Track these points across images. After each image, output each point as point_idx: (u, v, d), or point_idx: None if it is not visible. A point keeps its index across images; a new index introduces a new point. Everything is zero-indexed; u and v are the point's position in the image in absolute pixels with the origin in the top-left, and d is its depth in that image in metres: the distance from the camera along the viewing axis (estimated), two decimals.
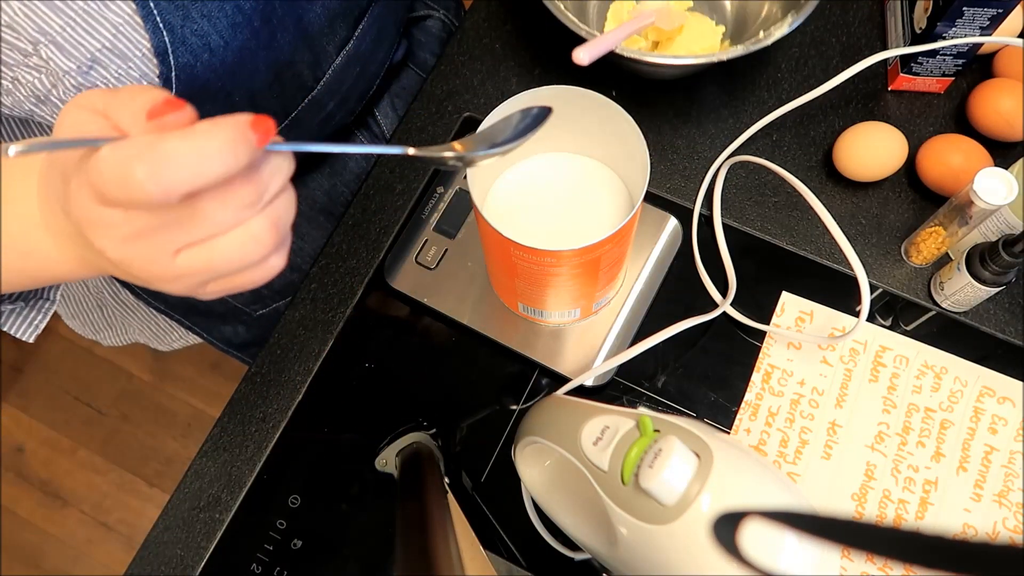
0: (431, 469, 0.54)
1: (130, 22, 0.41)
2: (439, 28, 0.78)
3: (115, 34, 0.41)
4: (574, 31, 0.55)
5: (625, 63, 0.56)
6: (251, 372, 0.61)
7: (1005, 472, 0.54)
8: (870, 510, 0.54)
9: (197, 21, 0.43)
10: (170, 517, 0.58)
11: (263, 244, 0.28)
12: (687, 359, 0.59)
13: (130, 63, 0.42)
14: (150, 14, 0.41)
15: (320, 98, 0.59)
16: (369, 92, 0.67)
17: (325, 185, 0.72)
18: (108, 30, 0.40)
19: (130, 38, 0.41)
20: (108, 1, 0.40)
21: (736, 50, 0.54)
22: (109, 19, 0.40)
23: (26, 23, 0.38)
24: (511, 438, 0.57)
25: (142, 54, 0.42)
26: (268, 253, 0.29)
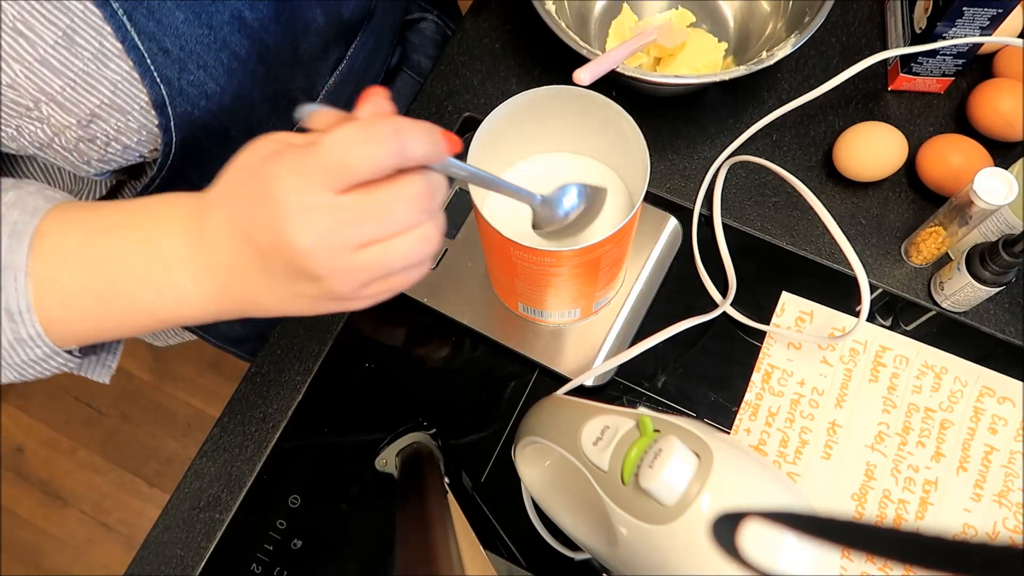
0: (431, 469, 0.54)
1: (128, 78, 0.42)
2: (433, 30, 0.78)
3: (113, 91, 0.42)
4: (575, 50, 0.55)
5: (626, 80, 0.56)
6: (251, 372, 0.61)
7: (1005, 472, 0.54)
8: (870, 510, 0.54)
9: (194, 72, 0.44)
10: (170, 517, 0.58)
11: (431, 245, 0.33)
12: (687, 359, 0.59)
13: (128, 116, 0.43)
14: (147, 71, 0.42)
15: None
16: None
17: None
18: (107, 87, 0.41)
19: (128, 93, 0.42)
20: (106, 60, 0.41)
21: (738, 70, 0.55)
22: (108, 77, 0.41)
23: (27, 84, 0.39)
24: (511, 438, 0.57)
25: (140, 107, 0.43)
26: (430, 255, 0.34)
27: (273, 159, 0.31)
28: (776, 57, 0.55)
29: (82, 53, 0.40)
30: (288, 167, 0.31)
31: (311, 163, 0.30)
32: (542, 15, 0.57)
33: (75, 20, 0.39)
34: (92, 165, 0.46)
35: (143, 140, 0.45)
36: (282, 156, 0.31)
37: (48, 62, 0.39)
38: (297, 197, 0.30)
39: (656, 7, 0.68)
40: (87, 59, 0.40)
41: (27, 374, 0.40)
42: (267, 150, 0.32)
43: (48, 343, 0.38)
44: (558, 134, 0.50)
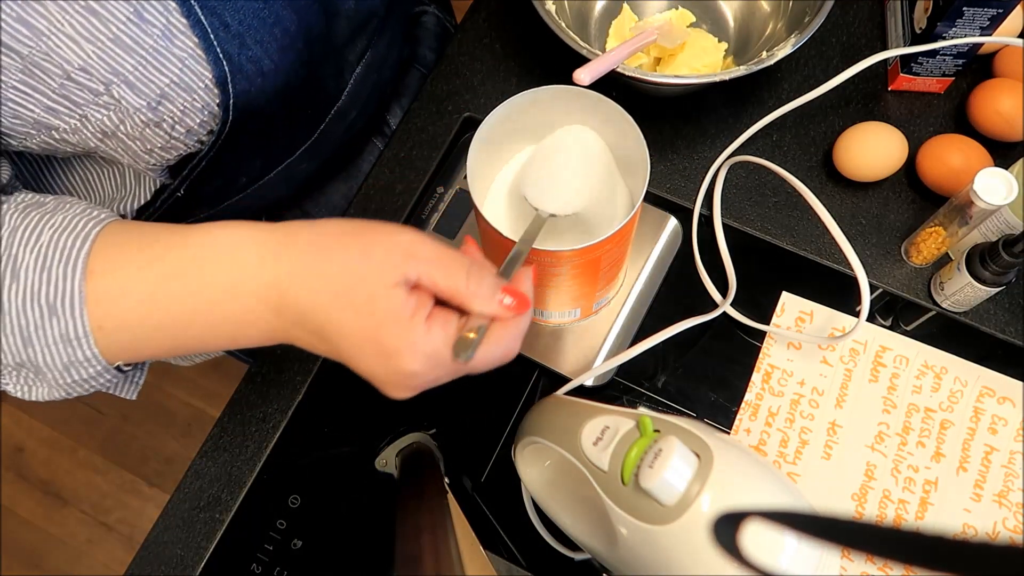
0: (431, 469, 0.54)
1: (194, 55, 0.42)
2: (434, 23, 0.79)
3: (181, 68, 0.42)
4: (575, 50, 0.55)
5: (627, 80, 0.56)
6: (251, 372, 0.61)
7: (1005, 472, 0.54)
8: (870, 510, 0.54)
9: (252, 48, 0.44)
10: (170, 517, 0.58)
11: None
12: (687, 359, 0.59)
13: (195, 95, 0.43)
14: (211, 46, 0.42)
15: (344, 108, 0.60)
16: (385, 94, 0.67)
17: (343, 190, 0.72)
18: (175, 65, 0.41)
19: (194, 71, 0.42)
20: (173, 36, 0.41)
21: (738, 70, 0.54)
22: (176, 54, 0.41)
23: (100, 65, 0.39)
24: (511, 438, 0.57)
25: (205, 86, 0.43)
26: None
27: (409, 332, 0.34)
28: (776, 57, 0.55)
29: (151, 30, 0.39)
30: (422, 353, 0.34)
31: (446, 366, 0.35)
32: (542, 15, 0.57)
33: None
34: (154, 155, 0.46)
35: (204, 121, 0.45)
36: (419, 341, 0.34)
37: (121, 40, 0.39)
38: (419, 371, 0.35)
39: (656, 7, 0.68)
40: (156, 36, 0.40)
41: (72, 392, 0.41)
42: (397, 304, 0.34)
43: (102, 362, 0.38)
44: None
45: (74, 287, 0.36)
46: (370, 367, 0.36)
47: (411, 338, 0.34)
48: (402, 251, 0.35)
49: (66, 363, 0.38)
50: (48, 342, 0.37)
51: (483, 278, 0.36)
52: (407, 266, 0.34)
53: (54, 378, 0.39)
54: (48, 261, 0.36)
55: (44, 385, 0.40)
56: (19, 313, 0.36)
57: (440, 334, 0.35)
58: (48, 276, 0.36)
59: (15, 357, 0.38)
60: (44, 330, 0.37)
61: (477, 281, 0.35)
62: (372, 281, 0.34)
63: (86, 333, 0.37)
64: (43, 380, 0.40)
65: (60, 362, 0.38)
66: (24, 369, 0.39)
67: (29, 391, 0.41)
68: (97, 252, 0.37)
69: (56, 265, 0.36)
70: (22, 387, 0.40)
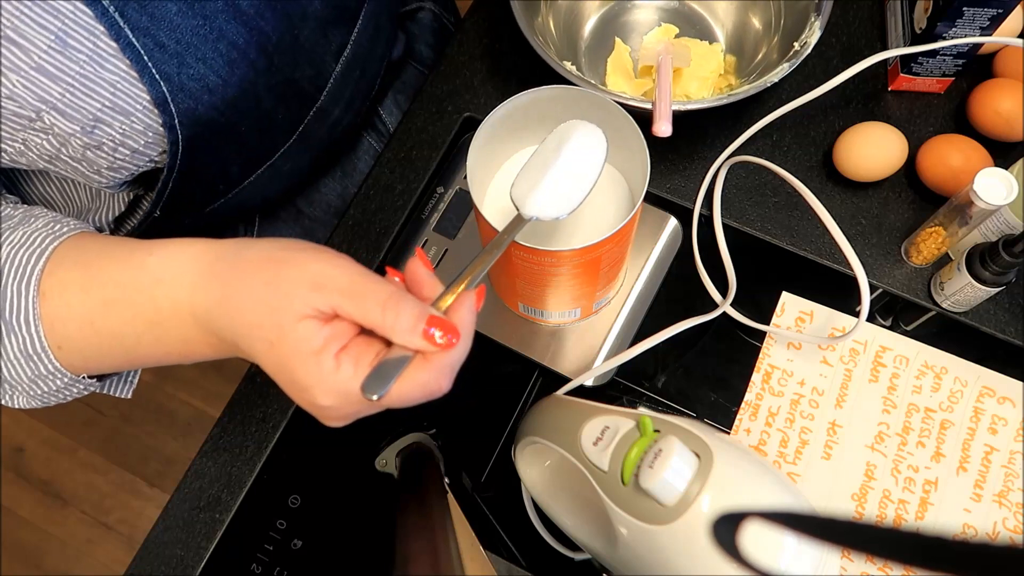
0: (431, 469, 0.54)
1: (127, 78, 0.41)
2: (431, 19, 0.79)
3: (113, 92, 0.41)
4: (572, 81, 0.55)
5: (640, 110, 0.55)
6: (251, 372, 0.61)
7: (1005, 472, 0.54)
8: (870, 510, 0.54)
9: (193, 66, 0.43)
10: (170, 517, 0.58)
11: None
12: (687, 359, 0.59)
13: (132, 118, 0.43)
14: (145, 68, 0.41)
15: (325, 107, 0.59)
16: (372, 91, 0.67)
17: (338, 188, 0.72)
18: (106, 89, 0.41)
19: (129, 93, 0.42)
20: (103, 61, 0.40)
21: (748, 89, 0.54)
22: (105, 79, 0.40)
23: (26, 93, 0.39)
24: (511, 438, 0.57)
25: (143, 107, 0.43)
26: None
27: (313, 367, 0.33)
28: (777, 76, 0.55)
29: (77, 56, 0.39)
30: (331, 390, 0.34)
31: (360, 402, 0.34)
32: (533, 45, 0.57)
33: (66, 22, 0.38)
34: (103, 175, 0.45)
35: (150, 142, 0.45)
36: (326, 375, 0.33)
37: (44, 68, 0.38)
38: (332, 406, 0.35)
39: (642, 28, 0.68)
40: (83, 62, 0.39)
41: (50, 401, 0.41)
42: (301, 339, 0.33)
43: (68, 375, 0.39)
44: None
45: (28, 305, 0.37)
46: (293, 396, 0.36)
47: (319, 374, 0.33)
48: (310, 282, 0.33)
49: (32, 376, 0.38)
50: (10, 357, 0.38)
51: (402, 310, 0.33)
52: (316, 298, 0.33)
53: (24, 390, 0.39)
54: (4, 278, 0.37)
55: (21, 395, 0.40)
56: None
57: (349, 371, 0.33)
58: (4, 293, 0.37)
59: None
60: (5, 345, 0.37)
61: (394, 314, 0.33)
62: (281, 313, 0.33)
63: (44, 349, 0.37)
64: (18, 391, 0.40)
65: (26, 376, 0.38)
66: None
67: (11, 400, 0.41)
68: (49, 272, 0.38)
69: (12, 282, 0.37)
70: (2, 396, 0.41)
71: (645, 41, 0.65)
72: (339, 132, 0.65)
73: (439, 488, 0.53)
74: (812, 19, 0.57)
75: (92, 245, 0.39)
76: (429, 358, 0.34)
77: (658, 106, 0.52)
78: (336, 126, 0.63)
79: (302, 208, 0.71)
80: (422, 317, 0.33)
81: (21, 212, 0.41)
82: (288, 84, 0.52)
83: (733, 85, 0.64)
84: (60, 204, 0.56)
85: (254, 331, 0.34)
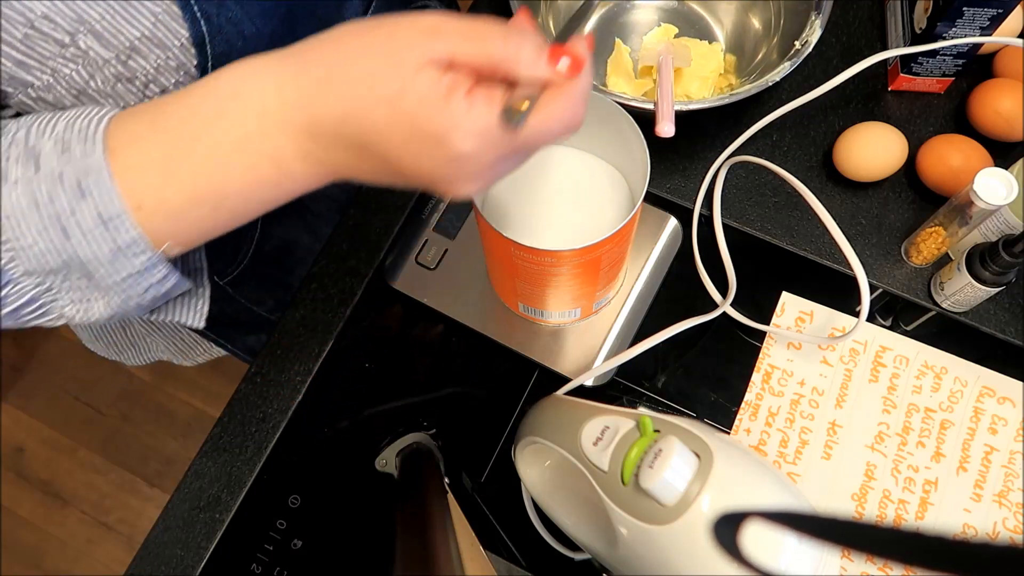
0: (431, 469, 0.54)
1: (168, 11, 0.41)
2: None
3: (154, 23, 0.40)
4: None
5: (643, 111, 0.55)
6: (251, 372, 0.61)
7: (1005, 472, 0.54)
8: (870, 510, 0.54)
9: (231, 9, 0.43)
10: (170, 517, 0.58)
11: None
12: (687, 359, 0.59)
13: (168, 52, 0.42)
14: (187, 5, 0.41)
15: None
16: None
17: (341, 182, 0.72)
18: (148, 19, 0.40)
19: (169, 28, 0.41)
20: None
21: (749, 88, 0.54)
22: (149, 8, 0.40)
23: (64, 11, 0.38)
24: (511, 438, 0.57)
25: (180, 44, 0.42)
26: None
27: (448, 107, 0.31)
28: (778, 76, 0.55)
29: None
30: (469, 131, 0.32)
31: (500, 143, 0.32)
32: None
33: None
34: None
35: (180, 82, 0.44)
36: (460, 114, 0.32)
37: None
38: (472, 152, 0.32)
39: (641, 28, 0.68)
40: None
41: (129, 303, 0.39)
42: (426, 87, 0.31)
43: (150, 246, 0.36)
44: None
45: (99, 162, 0.34)
46: (422, 164, 0.33)
47: (453, 118, 0.31)
48: (425, 31, 0.32)
49: (112, 252, 0.36)
50: (86, 229, 0.35)
51: (523, 40, 0.32)
52: (433, 45, 0.31)
53: (104, 277, 0.37)
54: (67, 143, 0.35)
55: (99, 294, 0.38)
56: (48, 202, 0.35)
57: (484, 108, 0.32)
58: (70, 157, 0.35)
59: (59, 255, 0.36)
60: (78, 215, 0.35)
61: (517, 44, 0.32)
62: (398, 69, 0.31)
63: (122, 210, 0.35)
64: (97, 287, 0.38)
65: (106, 252, 0.36)
66: (73, 275, 0.37)
67: (87, 308, 0.39)
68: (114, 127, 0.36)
69: (76, 145, 0.35)
70: (78, 303, 0.38)
71: (645, 41, 0.65)
72: None
73: (439, 488, 0.53)
74: (812, 18, 0.57)
75: (148, 104, 0.37)
76: (559, 89, 0.33)
77: (660, 106, 0.52)
78: None
79: (306, 203, 0.71)
80: (544, 48, 0.33)
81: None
82: None
83: (733, 85, 0.64)
84: None
85: (370, 98, 0.32)
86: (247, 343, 0.75)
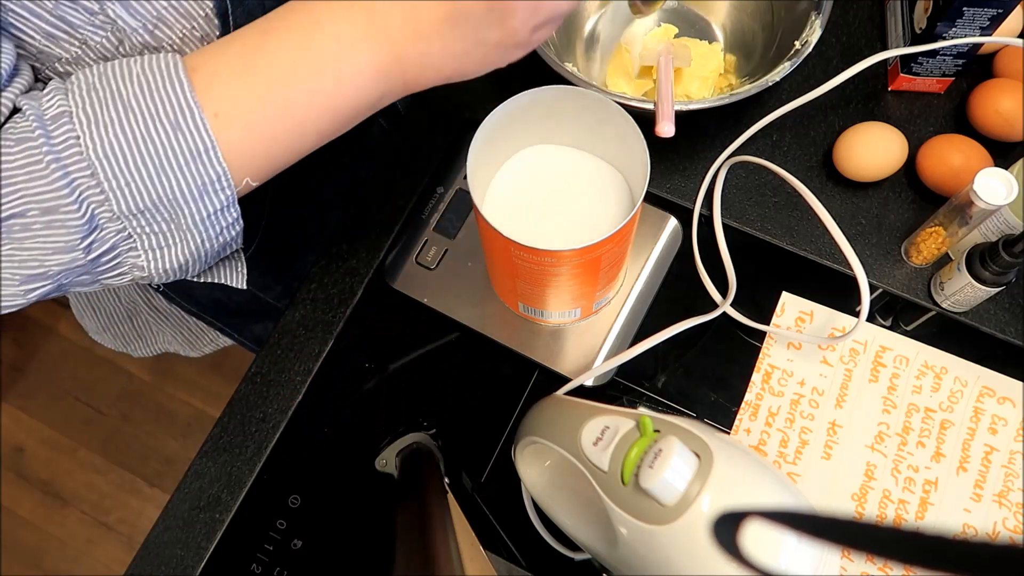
0: (431, 469, 0.54)
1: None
2: None
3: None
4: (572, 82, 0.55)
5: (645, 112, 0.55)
6: (251, 372, 0.61)
7: (1005, 472, 0.54)
8: (870, 510, 0.54)
9: None
10: (170, 517, 0.58)
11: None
12: (687, 359, 0.59)
13: (194, 23, 0.43)
14: None
15: None
16: None
17: (348, 170, 0.72)
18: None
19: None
20: None
21: (748, 90, 0.54)
22: None
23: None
24: (511, 438, 0.57)
25: (205, 15, 0.43)
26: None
27: None
28: (779, 75, 0.55)
29: None
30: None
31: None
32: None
33: None
34: None
35: None
36: None
37: None
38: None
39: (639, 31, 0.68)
40: None
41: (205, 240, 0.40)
42: None
43: (231, 182, 0.38)
44: (558, 133, 0.50)
45: (187, 96, 0.36)
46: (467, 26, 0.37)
47: None
48: None
49: (201, 186, 0.37)
50: (180, 164, 0.36)
51: None
52: None
53: (189, 215, 0.38)
54: (152, 83, 0.36)
55: (179, 236, 0.39)
56: (145, 139, 0.36)
57: None
58: (160, 96, 0.36)
59: (152, 193, 0.37)
60: (174, 150, 0.36)
61: None
62: None
63: (211, 144, 0.37)
64: (178, 228, 0.39)
65: (196, 187, 0.37)
66: (159, 215, 0.38)
67: (163, 255, 0.40)
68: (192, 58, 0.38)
69: (162, 83, 0.36)
70: (156, 248, 0.39)
71: (645, 41, 0.65)
72: None
73: (439, 488, 0.53)
74: (812, 18, 0.57)
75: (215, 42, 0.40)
76: None
77: (660, 107, 0.52)
78: None
79: (313, 188, 0.71)
80: None
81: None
82: None
83: (733, 85, 0.64)
84: None
85: None
86: (254, 332, 0.75)
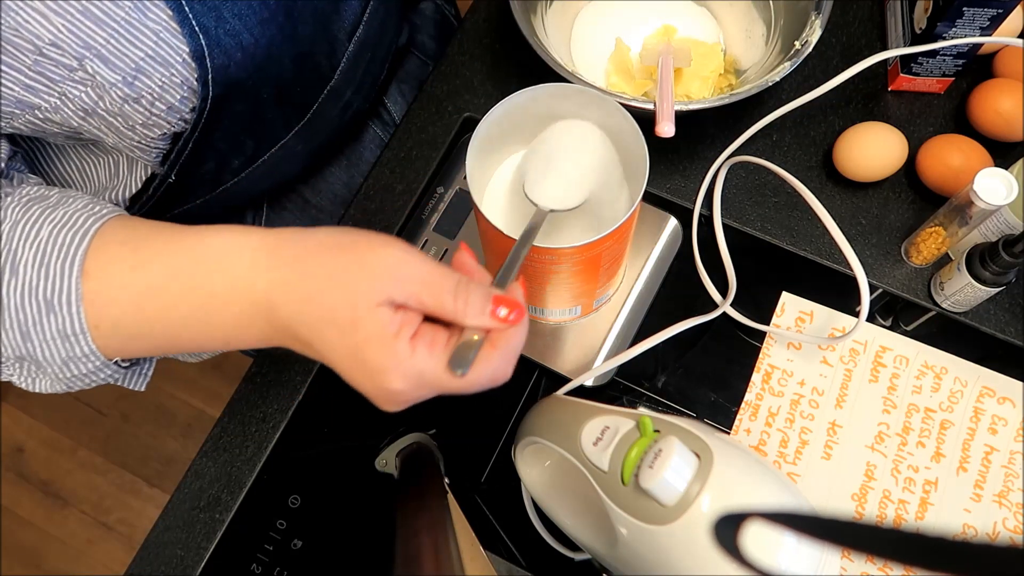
0: (431, 469, 0.54)
1: (168, 28, 0.42)
2: (433, 11, 0.80)
3: (156, 42, 0.42)
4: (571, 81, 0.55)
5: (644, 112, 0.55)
6: (251, 372, 0.61)
7: (1005, 472, 0.54)
8: (870, 510, 0.54)
9: (229, 21, 0.44)
10: (170, 517, 0.58)
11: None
12: (687, 359, 0.59)
13: (172, 69, 0.43)
14: (186, 19, 0.42)
15: (338, 87, 0.59)
16: (380, 77, 0.68)
17: (344, 177, 0.72)
18: (149, 38, 0.41)
19: (170, 44, 0.42)
20: (146, 9, 0.41)
21: (748, 90, 0.54)
22: (149, 27, 0.41)
23: (71, 39, 0.39)
24: (511, 438, 0.57)
25: (182, 60, 0.43)
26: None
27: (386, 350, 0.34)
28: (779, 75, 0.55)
29: (122, 2, 0.40)
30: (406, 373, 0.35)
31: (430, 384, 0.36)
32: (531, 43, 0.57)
33: None
34: (135, 131, 0.46)
35: (185, 97, 0.45)
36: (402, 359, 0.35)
37: (91, 12, 0.39)
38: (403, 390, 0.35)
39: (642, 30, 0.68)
40: (128, 8, 0.40)
41: (74, 386, 0.41)
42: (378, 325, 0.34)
43: (101, 358, 0.39)
44: None
45: (71, 285, 0.37)
46: (358, 382, 0.36)
47: (395, 358, 0.34)
48: (387, 273, 0.34)
49: (65, 358, 0.38)
50: (46, 337, 0.38)
51: (471, 293, 0.36)
52: (392, 288, 0.34)
53: (54, 372, 0.39)
54: (46, 257, 0.37)
55: (46, 378, 0.41)
56: (18, 308, 0.37)
57: (424, 353, 0.35)
58: (46, 272, 0.37)
59: (15, 351, 0.38)
60: (42, 325, 0.37)
61: (464, 299, 0.35)
62: (356, 301, 0.34)
63: (83, 330, 0.37)
64: (44, 373, 0.40)
65: (59, 357, 0.38)
66: (26, 362, 0.39)
67: (33, 383, 0.41)
68: (94, 251, 0.37)
69: (54, 262, 0.37)
70: (25, 379, 0.41)
71: (645, 41, 0.65)
72: (349, 116, 0.65)
73: (439, 488, 0.53)
74: (812, 18, 0.57)
75: (139, 226, 0.39)
76: (495, 343, 0.36)
77: (660, 107, 0.52)
78: (347, 109, 0.64)
79: (309, 198, 0.71)
80: (488, 298, 0.36)
81: (57, 192, 0.41)
82: (307, 57, 0.53)
83: (733, 85, 0.64)
84: (78, 182, 0.57)
85: (324, 317, 0.35)
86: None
